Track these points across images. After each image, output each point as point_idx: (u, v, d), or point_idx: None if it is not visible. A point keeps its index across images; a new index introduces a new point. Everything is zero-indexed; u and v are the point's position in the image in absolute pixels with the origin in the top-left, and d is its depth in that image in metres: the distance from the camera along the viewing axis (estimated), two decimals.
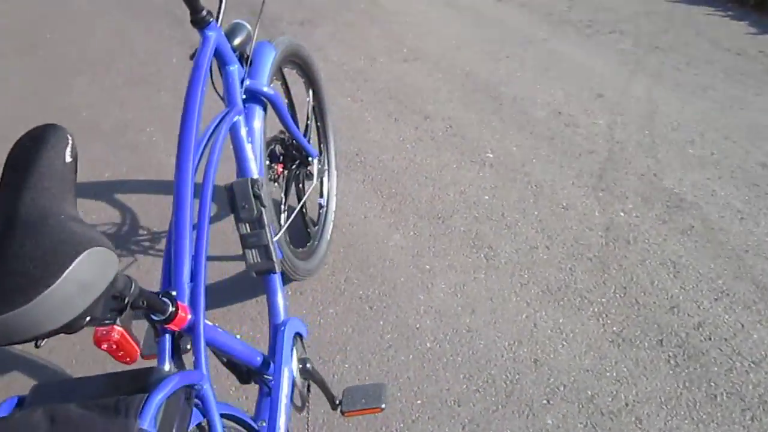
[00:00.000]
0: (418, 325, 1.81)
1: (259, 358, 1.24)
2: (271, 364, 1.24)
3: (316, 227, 2.01)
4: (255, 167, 1.38)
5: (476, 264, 2.00)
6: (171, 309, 0.92)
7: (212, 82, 1.47)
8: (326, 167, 2.14)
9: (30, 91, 3.12)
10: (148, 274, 2.00)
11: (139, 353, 0.82)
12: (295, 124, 1.87)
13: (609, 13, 3.70)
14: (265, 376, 1.25)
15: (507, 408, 1.59)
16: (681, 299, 1.85)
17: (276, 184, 1.77)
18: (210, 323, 1.05)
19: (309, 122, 1.98)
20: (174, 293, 0.95)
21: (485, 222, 2.16)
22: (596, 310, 1.84)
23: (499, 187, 2.31)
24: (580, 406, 1.58)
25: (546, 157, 2.47)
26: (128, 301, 0.82)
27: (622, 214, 2.17)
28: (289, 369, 1.23)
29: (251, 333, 1.81)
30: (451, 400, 1.62)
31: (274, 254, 1.30)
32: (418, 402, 1.62)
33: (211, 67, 1.47)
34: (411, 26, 3.59)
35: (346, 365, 1.71)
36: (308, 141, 1.96)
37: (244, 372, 1.25)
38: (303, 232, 1.98)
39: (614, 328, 1.77)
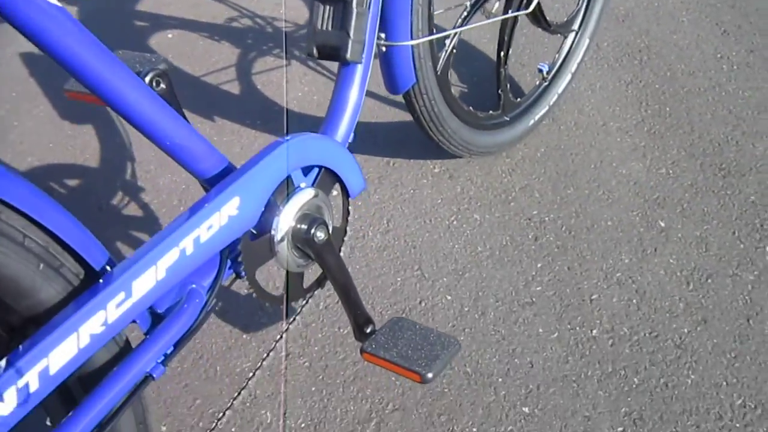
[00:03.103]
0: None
1: (215, 165, 0.67)
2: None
3: (518, 100, 1.32)
4: None
5: None
6: None
7: None
8: (576, 28, 1.40)
9: None
10: None
11: None
12: None
13: None
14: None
15: None
16: None
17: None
18: None
19: None
20: None
21: None
22: None
23: None
24: None
25: None
26: None
27: None
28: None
29: None
30: None
31: (352, 30, 0.71)
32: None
33: None
34: None
35: (447, 309, 1.05)
36: None
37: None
38: (489, 94, 1.29)
39: None
